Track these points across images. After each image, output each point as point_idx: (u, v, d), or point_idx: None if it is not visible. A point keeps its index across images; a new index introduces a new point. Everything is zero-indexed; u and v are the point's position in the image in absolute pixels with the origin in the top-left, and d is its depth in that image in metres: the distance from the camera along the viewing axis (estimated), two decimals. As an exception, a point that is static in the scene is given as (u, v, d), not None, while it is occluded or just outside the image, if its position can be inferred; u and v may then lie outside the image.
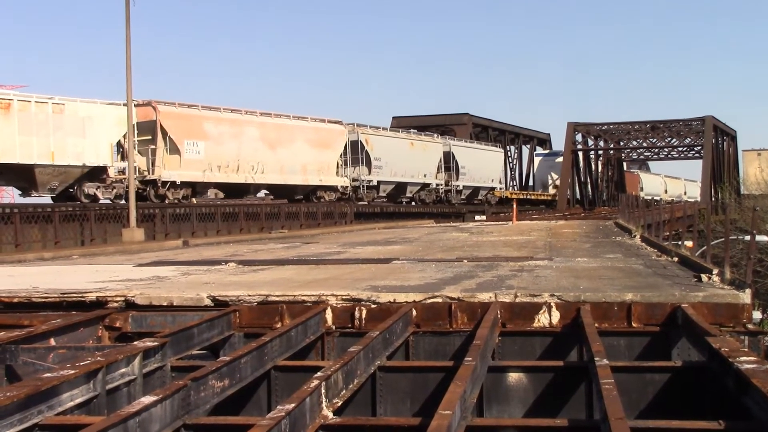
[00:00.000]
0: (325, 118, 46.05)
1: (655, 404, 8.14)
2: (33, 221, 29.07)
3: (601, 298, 10.36)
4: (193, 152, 36.50)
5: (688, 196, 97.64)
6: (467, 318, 10.44)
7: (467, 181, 61.48)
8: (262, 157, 40.58)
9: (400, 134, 53.71)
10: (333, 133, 46.21)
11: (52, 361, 8.79)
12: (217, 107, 39.04)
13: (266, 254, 21.04)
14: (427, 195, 56.15)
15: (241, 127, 39.90)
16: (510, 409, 8.57)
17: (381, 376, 8.84)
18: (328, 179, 45.60)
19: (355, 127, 48.14)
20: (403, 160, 51.87)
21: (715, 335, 8.26)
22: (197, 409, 7.16)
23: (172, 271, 15.75)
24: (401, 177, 52.07)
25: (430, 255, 18.79)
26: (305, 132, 43.88)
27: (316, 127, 45.06)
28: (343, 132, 46.81)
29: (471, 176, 61.83)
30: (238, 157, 39.30)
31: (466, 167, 60.78)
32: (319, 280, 13.18)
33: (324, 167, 45.04)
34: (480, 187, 64.18)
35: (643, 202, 33.56)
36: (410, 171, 53.05)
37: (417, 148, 54.45)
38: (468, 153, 61.87)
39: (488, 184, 65.86)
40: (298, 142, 43.10)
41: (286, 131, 42.54)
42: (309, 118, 44.83)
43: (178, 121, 36.04)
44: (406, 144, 53.30)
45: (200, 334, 9.82)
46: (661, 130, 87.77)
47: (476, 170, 62.73)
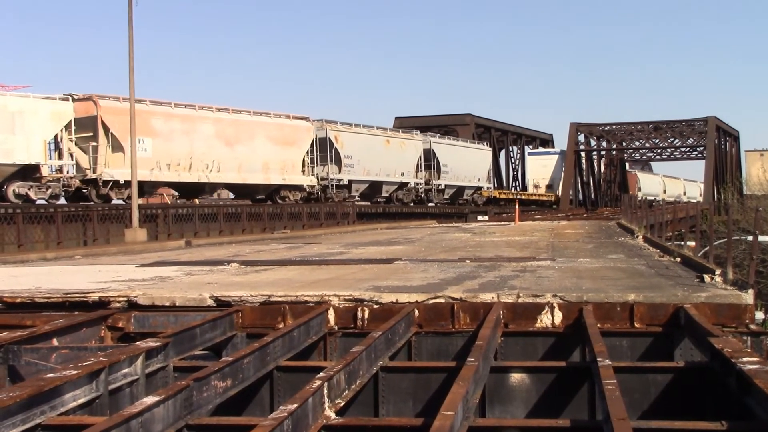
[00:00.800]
0: (290, 114, 43.63)
1: (657, 405, 8.13)
2: (36, 221, 29.10)
3: (604, 299, 10.35)
4: (139, 150, 33.43)
5: (687, 197, 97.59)
6: (470, 318, 10.43)
7: (450, 180, 59.15)
8: (218, 154, 38.40)
9: (374, 131, 50.87)
10: (298, 129, 43.85)
11: (54, 361, 8.80)
12: (168, 102, 37.04)
13: (269, 254, 21.05)
14: (405, 195, 53.64)
15: (194, 123, 37.67)
16: (512, 409, 8.57)
17: (383, 376, 8.84)
18: (293, 178, 43.41)
19: (324, 123, 46.02)
20: (377, 158, 49.42)
21: (717, 336, 8.25)
22: (200, 409, 7.17)
23: (174, 271, 15.76)
24: (376, 176, 49.73)
25: (433, 255, 18.79)
26: (267, 128, 41.58)
27: (279, 123, 42.67)
28: (309, 128, 44.55)
29: (454, 175, 59.53)
30: (190, 154, 37.15)
31: (449, 166, 58.40)
32: (322, 280, 13.19)
33: (288, 165, 42.87)
34: (465, 187, 61.95)
35: (645, 203, 33.53)
36: (386, 169, 50.57)
37: (393, 145, 51.93)
38: (451, 151, 59.50)
39: (474, 183, 63.55)
40: (258, 138, 40.96)
41: (245, 127, 40.39)
42: (272, 114, 42.56)
43: (121, 116, 33.20)
44: (381, 141, 50.74)
45: (203, 334, 9.82)
46: (664, 130, 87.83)
47: (460, 169, 60.33)
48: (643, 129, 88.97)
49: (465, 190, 62.23)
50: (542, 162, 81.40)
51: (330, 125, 46.11)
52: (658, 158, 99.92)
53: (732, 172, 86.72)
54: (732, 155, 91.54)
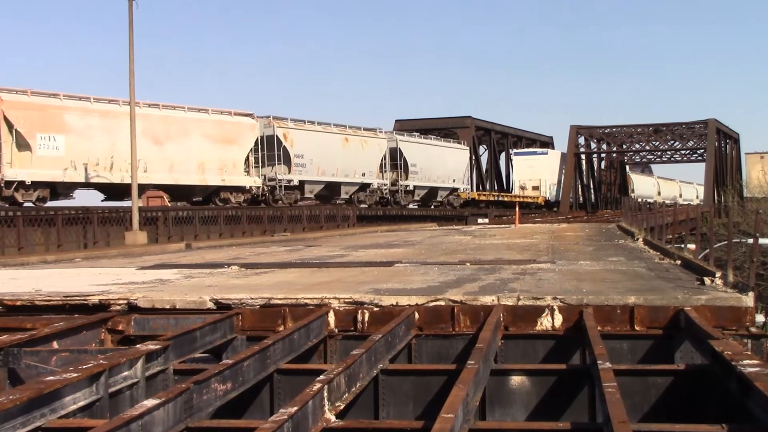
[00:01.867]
0: (231, 111, 40.54)
1: (658, 407, 8.13)
2: (36, 224, 29.10)
3: (604, 302, 10.36)
4: (50, 147, 31.49)
5: (683, 198, 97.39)
6: (470, 321, 10.44)
7: (420, 181, 55.16)
8: (145, 153, 34.74)
9: (330, 128, 47.03)
10: (240, 127, 40.75)
11: (54, 364, 8.80)
12: (86, 97, 33.93)
13: (269, 257, 21.05)
14: (368, 196, 49.79)
15: (117, 119, 34.23)
16: (512, 412, 8.56)
17: (383, 379, 8.83)
18: (234, 179, 40.24)
19: (271, 120, 42.54)
20: (334, 158, 45.96)
21: (718, 338, 8.25)
22: (200, 412, 7.16)
23: (174, 274, 15.77)
24: (332, 176, 46.10)
25: (433, 258, 18.79)
26: (203, 126, 38.33)
27: (218, 120, 39.58)
28: (253, 126, 41.30)
29: (425, 175, 55.65)
30: (111, 153, 33.96)
31: (418, 165, 54.56)
32: (322, 283, 13.18)
33: (228, 165, 39.74)
34: (438, 188, 58.08)
35: (645, 205, 33.54)
36: (344, 169, 46.93)
37: (353, 144, 48.10)
38: (421, 150, 55.74)
39: (448, 184, 59.37)
40: (193, 136, 37.72)
41: (177, 125, 37.03)
42: (210, 110, 39.30)
43: (28, 111, 31.05)
44: (339, 139, 47.17)
45: (203, 337, 9.82)
46: (664, 133, 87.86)
47: (432, 169, 56.53)
48: (644, 131, 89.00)
49: (438, 192, 58.49)
50: (529, 162, 78.34)
51: (278, 122, 42.96)
52: (658, 161, 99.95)
53: (732, 175, 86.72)
54: (732, 158, 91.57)
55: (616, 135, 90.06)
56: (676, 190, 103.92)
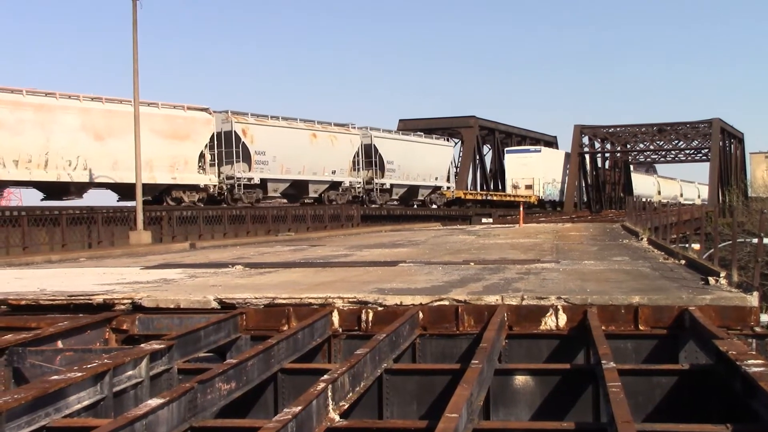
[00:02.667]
0: (184, 105, 38.04)
1: (662, 407, 8.12)
2: (40, 224, 29.16)
3: (608, 301, 10.35)
4: None
5: (684, 198, 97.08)
6: (474, 321, 10.43)
7: (399, 179, 52.64)
8: (85, 150, 33.06)
9: (297, 124, 44.54)
10: (194, 122, 38.27)
11: (59, 363, 8.81)
12: (18, 89, 31.95)
13: (273, 257, 21.06)
14: (339, 195, 47.30)
15: (52, 113, 32.39)
16: (517, 412, 8.56)
17: (387, 378, 8.84)
18: (186, 177, 37.74)
19: (230, 115, 40.48)
20: (300, 155, 43.60)
21: (722, 338, 8.24)
22: (204, 411, 7.17)
23: (179, 273, 15.78)
24: (299, 174, 44.03)
25: (437, 258, 18.78)
26: (152, 120, 35.36)
27: (168, 114, 37.14)
28: (208, 121, 38.92)
29: (404, 173, 53.05)
30: (46, 149, 31.97)
31: (396, 163, 51.96)
32: (326, 282, 13.19)
33: (179, 163, 37.28)
34: (419, 186, 55.54)
35: (650, 205, 33.51)
36: (312, 167, 44.65)
37: (321, 140, 45.69)
38: (398, 146, 52.91)
39: (430, 182, 56.72)
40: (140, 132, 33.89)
41: (122, 119, 33.88)
42: (160, 104, 36.94)
43: None
44: (305, 135, 44.78)
45: (207, 336, 9.83)
46: (668, 132, 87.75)
47: (412, 166, 53.77)
48: (648, 131, 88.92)
49: (419, 190, 56.07)
50: (522, 161, 75.61)
51: (237, 117, 40.70)
52: (662, 160, 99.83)
53: (737, 174, 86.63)
54: (737, 157, 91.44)
55: (620, 135, 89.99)
56: (676, 190, 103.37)
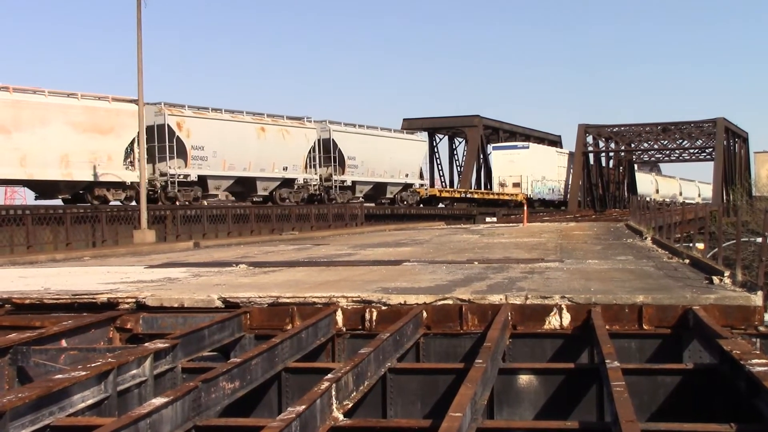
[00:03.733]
0: (109, 96, 34.67)
1: (666, 407, 8.11)
2: (45, 223, 29.21)
3: (612, 300, 10.34)
4: None
5: (684, 197, 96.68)
6: (478, 320, 10.43)
7: (361, 176, 48.95)
8: None
9: (242, 117, 41.17)
10: (119, 114, 34.69)
11: (63, 362, 8.82)
12: None
13: (277, 256, 21.07)
14: (293, 193, 44.09)
15: None
16: (521, 411, 8.56)
17: (391, 377, 8.84)
18: (110, 174, 34.40)
19: (163, 107, 37.07)
20: (246, 150, 40.45)
21: (726, 337, 8.23)
22: (208, 410, 7.17)
23: (183, 272, 15.79)
24: (244, 171, 40.66)
25: (441, 257, 18.78)
26: (69, 112, 32.61)
27: (88, 106, 33.59)
28: (136, 113, 33.87)
29: (368, 169, 49.45)
30: None
31: (358, 158, 48.35)
32: (330, 281, 13.19)
33: (102, 158, 33.84)
34: (386, 183, 51.82)
35: (655, 205, 33.47)
36: (260, 163, 41.27)
37: (271, 134, 42.15)
38: (361, 141, 48.99)
39: (399, 179, 52.85)
40: (54, 125, 32.26)
41: (32, 111, 31.60)
42: (80, 95, 33.48)
43: None
44: (252, 129, 41.35)
45: (211, 335, 9.83)
46: (673, 132, 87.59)
47: (377, 162, 49.98)
48: (652, 130, 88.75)
49: (387, 187, 52.24)
50: (509, 157, 72.01)
51: (171, 109, 37.47)
52: (666, 160, 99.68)
53: (741, 174, 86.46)
54: (741, 157, 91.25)
55: (624, 134, 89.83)
56: (675, 188, 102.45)
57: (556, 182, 78.83)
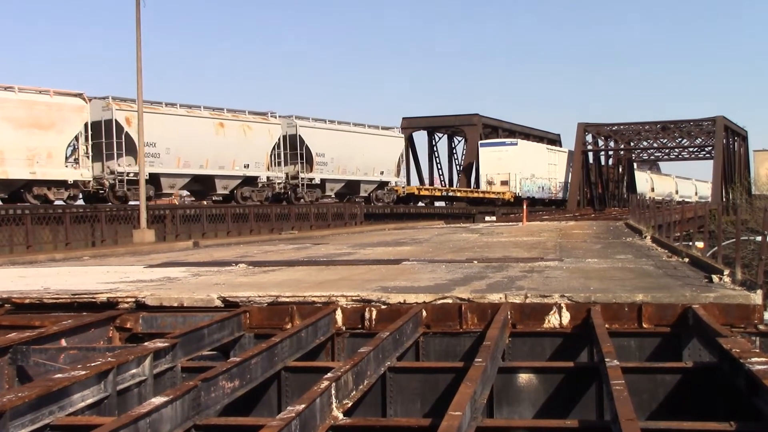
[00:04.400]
0: (50, 90, 32.54)
1: (666, 405, 8.12)
2: (44, 222, 29.21)
3: (612, 299, 10.34)
4: None
5: (680, 195, 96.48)
6: (477, 319, 10.43)
7: (333, 173, 46.75)
8: None
9: (199, 112, 38.90)
10: (61, 109, 32.52)
11: (63, 361, 8.83)
12: None
13: (276, 255, 21.07)
14: (255, 192, 41.68)
15: None
16: (520, 409, 8.56)
17: (391, 376, 8.84)
18: (50, 172, 32.16)
19: (111, 101, 34.66)
20: (203, 146, 38.07)
21: (726, 336, 8.23)
22: (208, 409, 7.18)
23: (182, 272, 15.79)
24: (200, 168, 38.26)
25: (440, 256, 18.78)
26: (5, 107, 30.67)
27: (26, 100, 31.48)
28: (81, 108, 33.10)
29: (339, 166, 47.12)
30: None
31: (328, 155, 46.03)
32: (330, 281, 13.19)
33: (41, 155, 31.82)
34: (359, 181, 49.33)
35: (654, 203, 33.48)
36: (219, 160, 38.86)
37: (231, 130, 39.78)
38: (332, 137, 46.61)
39: (374, 177, 50.40)
40: None
41: None
42: (16, 88, 31.32)
43: None
44: (210, 125, 38.88)
45: (210, 334, 9.84)
46: (672, 130, 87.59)
47: (350, 159, 47.71)
48: (651, 129, 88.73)
49: (361, 185, 49.79)
50: (497, 154, 69.49)
51: (120, 104, 34.92)
52: (666, 158, 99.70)
53: (740, 172, 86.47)
54: (740, 155, 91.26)
55: (623, 132, 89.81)
56: (671, 186, 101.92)
57: (547, 180, 76.43)
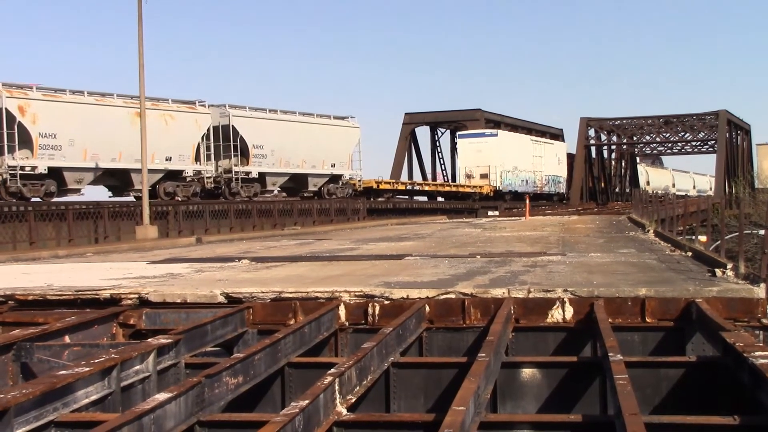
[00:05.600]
0: None
1: (669, 399, 8.12)
2: (47, 219, 29.23)
3: (615, 294, 10.34)
4: None
5: (677, 188, 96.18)
6: (480, 314, 10.43)
7: (273, 167, 42.46)
8: None
9: (113, 100, 35.22)
10: None
11: (66, 358, 8.84)
12: None
13: (279, 251, 21.08)
14: (181, 187, 37.57)
15: None
16: (524, 404, 8.57)
17: (394, 372, 8.85)
18: None
19: (2, 88, 31.35)
20: (116, 138, 34.28)
21: (729, 330, 8.23)
22: (211, 405, 7.18)
23: (185, 268, 15.80)
24: (112, 162, 34.56)
25: (443, 251, 18.78)
26: None
27: None
28: None
29: (282, 159, 42.81)
30: None
31: (268, 146, 41.82)
32: (332, 276, 13.20)
33: None
34: (307, 175, 45.03)
35: (656, 197, 33.45)
36: (134, 153, 33.45)
37: (150, 120, 34.05)
38: (272, 127, 42.41)
39: (324, 170, 45.99)
40: None
41: None
42: None
43: None
44: (123, 115, 34.92)
45: (214, 331, 9.85)
46: (675, 124, 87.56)
47: (294, 151, 43.40)
48: (654, 123, 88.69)
49: (308, 179, 45.49)
50: (476, 146, 65.45)
51: (12, 90, 31.68)
52: (669, 152, 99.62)
53: (743, 166, 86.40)
54: (743, 149, 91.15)
55: (626, 127, 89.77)
56: (667, 179, 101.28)
57: (531, 173, 72.07)
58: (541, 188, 73.70)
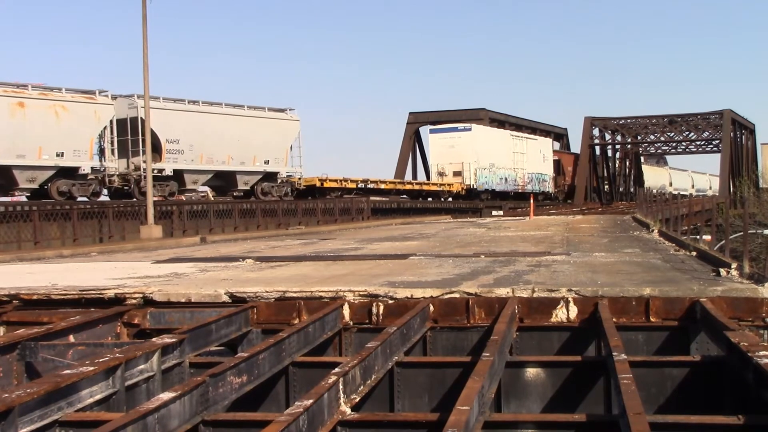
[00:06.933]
0: None
1: (673, 399, 8.11)
2: (52, 219, 29.25)
3: (619, 293, 10.33)
4: None
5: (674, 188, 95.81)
6: (485, 313, 10.43)
7: (192, 163, 38.08)
8: None
9: None
10: None
11: (71, 357, 8.85)
12: None
13: (283, 250, 21.09)
14: (78, 187, 32.93)
15: None
16: (528, 404, 8.56)
17: (399, 371, 8.84)
18: None
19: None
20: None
21: (734, 329, 8.22)
22: (216, 405, 7.19)
23: (189, 267, 15.81)
24: None
25: (447, 250, 18.78)
26: None
27: None
28: None
29: (203, 155, 38.40)
30: None
31: (185, 141, 37.37)
32: (337, 276, 13.20)
33: None
34: (235, 172, 40.56)
35: (661, 197, 33.42)
36: (15, 149, 30.54)
37: (36, 111, 31.16)
38: (190, 120, 37.80)
39: (255, 167, 41.33)
40: None
41: None
42: None
43: None
44: (2, 105, 30.45)
45: (218, 330, 9.85)
46: (679, 124, 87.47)
47: (218, 146, 39.03)
48: (658, 122, 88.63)
49: (237, 177, 40.99)
50: (448, 141, 60.80)
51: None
52: (673, 152, 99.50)
53: (748, 165, 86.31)
54: (748, 148, 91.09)
55: (630, 126, 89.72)
56: (665, 178, 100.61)
57: (512, 170, 67.10)
58: (523, 187, 68.81)
